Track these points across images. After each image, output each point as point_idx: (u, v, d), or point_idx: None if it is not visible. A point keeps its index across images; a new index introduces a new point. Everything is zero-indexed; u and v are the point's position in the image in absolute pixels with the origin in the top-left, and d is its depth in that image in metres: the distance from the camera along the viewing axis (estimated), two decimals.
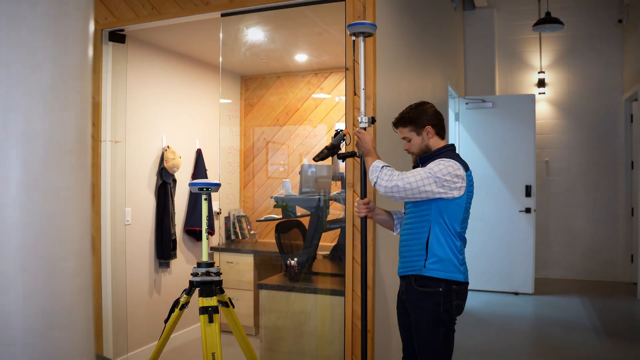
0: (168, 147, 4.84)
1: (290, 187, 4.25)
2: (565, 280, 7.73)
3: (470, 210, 2.65)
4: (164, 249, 4.80)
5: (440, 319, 2.52)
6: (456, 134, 7.13)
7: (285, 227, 4.43)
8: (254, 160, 5.82)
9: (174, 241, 4.91)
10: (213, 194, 5.44)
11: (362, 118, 2.80)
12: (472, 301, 6.61)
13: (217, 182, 2.81)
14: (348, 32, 2.84)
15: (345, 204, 3.31)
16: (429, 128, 2.68)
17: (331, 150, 2.78)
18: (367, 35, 2.82)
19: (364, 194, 2.83)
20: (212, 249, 5.38)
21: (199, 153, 5.27)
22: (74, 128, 2.04)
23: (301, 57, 5.03)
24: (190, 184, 2.80)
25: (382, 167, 2.56)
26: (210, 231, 5.29)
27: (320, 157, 2.77)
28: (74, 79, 2.04)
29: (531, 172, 6.86)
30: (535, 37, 7.89)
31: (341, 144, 2.84)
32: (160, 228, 4.79)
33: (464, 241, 2.62)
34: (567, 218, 7.82)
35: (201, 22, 3.93)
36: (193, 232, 5.23)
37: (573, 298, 6.69)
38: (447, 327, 2.54)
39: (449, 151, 2.67)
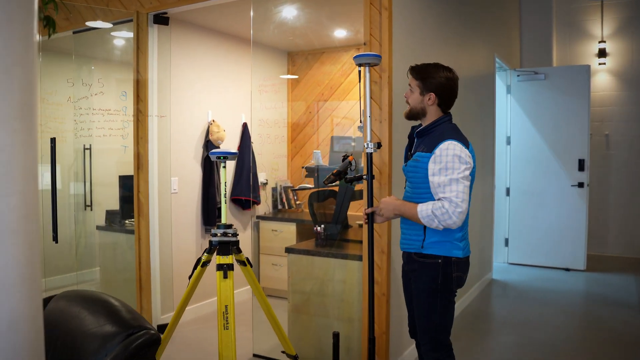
0: (213, 121, 5.14)
1: (320, 157, 4.44)
2: (622, 258, 7.52)
3: (473, 185, 2.64)
4: (210, 216, 5.14)
5: (438, 290, 2.57)
6: (507, 107, 7.05)
7: (319, 196, 4.63)
8: (300, 133, 6.05)
9: (219, 209, 5.22)
10: (263, 166, 5.73)
11: (368, 144, 2.82)
12: (519, 275, 6.61)
13: (235, 151, 3.05)
14: (354, 62, 2.91)
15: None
16: (432, 95, 2.61)
17: (337, 176, 2.95)
18: (372, 65, 2.94)
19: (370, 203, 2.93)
20: (258, 217, 5.68)
21: (244, 126, 5.54)
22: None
23: (340, 33, 5.16)
24: (210, 153, 3.05)
25: (431, 210, 2.44)
26: (255, 200, 5.58)
27: (329, 180, 2.97)
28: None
29: (585, 145, 6.70)
30: (597, 5, 7.61)
31: (348, 169, 2.99)
32: (206, 197, 5.12)
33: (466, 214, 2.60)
34: (628, 194, 7.57)
35: (239, 1, 4.14)
36: (238, 201, 5.53)
37: (627, 276, 6.54)
38: (446, 299, 2.59)
39: (446, 122, 2.65)
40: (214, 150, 3.04)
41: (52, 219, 4.01)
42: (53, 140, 3.98)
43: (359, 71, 2.98)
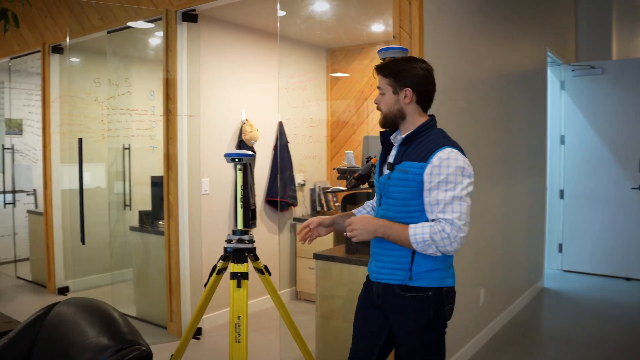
0: (246, 120, 5.00)
1: (352, 158, 4.23)
2: None
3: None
4: (243, 219, 4.99)
5: (430, 326, 2.19)
6: (561, 104, 6.64)
7: (353, 199, 4.42)
8: (340, 133, 5.85)
9: (253, 211, 5.09)
10: (300, 166, 5.56)
11: None
12: (573, 283, 6.21)
13: (250, 152, 2.88)
14: (378, 57, 2.69)
15: None
16: (408, 91, 2.16)
17: (359, 180, 2.75)
18: None
19: None
20: (295, 219, 5.53)
21: (280, 125, 5.39)
22: None
23: (379, 27, 4.93)
24: (225, 155, 2.89)
25: (429, 234, 2.04)
26: (293, 202, 5.42)
27: (351, 185, 2.77)
28: None
29: None
30: None
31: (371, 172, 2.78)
32: None
33: None
34: None
35: None
36: (274, 202, 5.38)
37: None
38: (439, 336, 2.23)
39: (433, 127, 2.25)
40: (229, 152, 2.88)
41: (80, 220, 3.96)
42: (80, 141, 3.92)
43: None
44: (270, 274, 2.95)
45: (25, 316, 2.41)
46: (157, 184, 4.64)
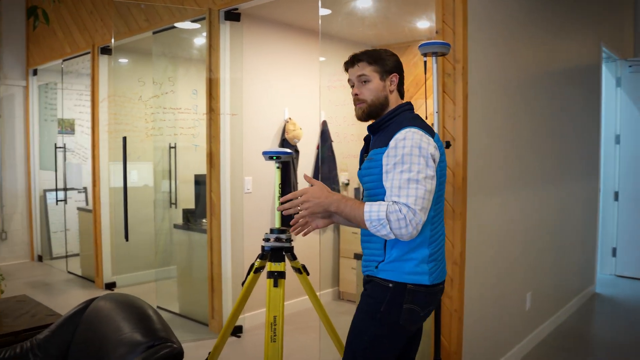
0: (289, 119, 4.99)
1: None
2: None
3: (444, 185, 2.10)
4: (285, 217, 4.98)
5: (377, 319, 2.03)
6: (617, 102, 6.37)
7: None
8: None
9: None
10: (344, 165, 5.52)
11: None
12: (628, 289, 5.95)
13: (289, 150, 2.85)
14: (420, 52, 2.61)
15: None
16: (395, 76, 2.13)
17: None
18: (440, 55, 2.64)
19: None
20: None
21: (324, 124, 5.35)
22: None
23: (422, 24, 4.83)
24: (263, 153, 2.87)
25: (386, 212, 1.85)
26: None
27: None
28: None
29: None
30: None
31: None
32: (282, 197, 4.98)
33: (436, 229, 2.08)
34: None
35: None
36: None
37: None
38: (381, 331, 2.03)
39: (407, 111, 2.13)
40: (266, 150, 2.86)
41: (124, 217, 4.02)
42: (124, 140, 3.98)
43: (424, 61, 2.71)
44: (308, 274, 2.91)
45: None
46: (200, 182, 4.68)
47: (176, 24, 4.61)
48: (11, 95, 7.15)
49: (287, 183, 4.98)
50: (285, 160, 2.85)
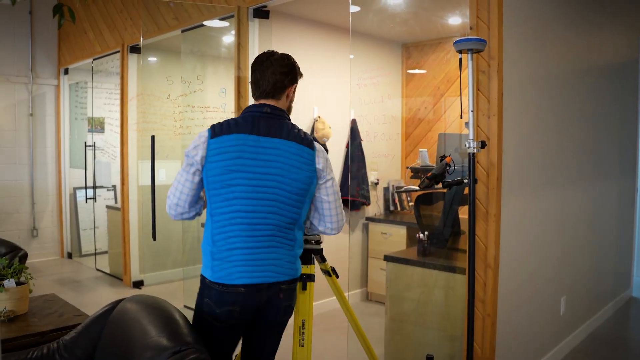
0: (319, 117, 4.93)
1: (427, 157, 4.06)
2: None
3: (225, 182, 2.11)
4: None
5: (195, 310, 2.28)
6: None
7: (427, 199, 4.25)
8: (415, 130, 5.68)
9: None
10: (377, 159, 5.43)
11: (469, 143, 2.54)
12: None
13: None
14: (454, 48, 2.57)
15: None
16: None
17: (433, 179, 2.61)
18: (475, 51, 2.55)
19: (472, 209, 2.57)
20: (367, 219, 5.40)
21: (353, 123, 5.28)
22: None
23: (455, 20, 4.72)
24: None
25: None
26: (365, 202, 5.30)
27: (423, 184, 2.64)
28: None
29: None
30: None
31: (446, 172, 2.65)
32: None
33: (220, 229, 2.14)
34: None
35: None
36: (346, 201, 5.28)
37: None
38: (200, 321, 2.23)
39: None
40: None
41: (152, 216, 4.01)
42: (152, 138, 3.96)
43: (459, 58, 2.62)
44: (337, 276, 2.85)
45: (100, 307, 2.44)
46: None
47: (205, 22, 4.58)
48: (43, 94, 7.23)
49: None
50: None
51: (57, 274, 6.57)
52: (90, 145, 6.62)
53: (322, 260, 2.81)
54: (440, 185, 2.79)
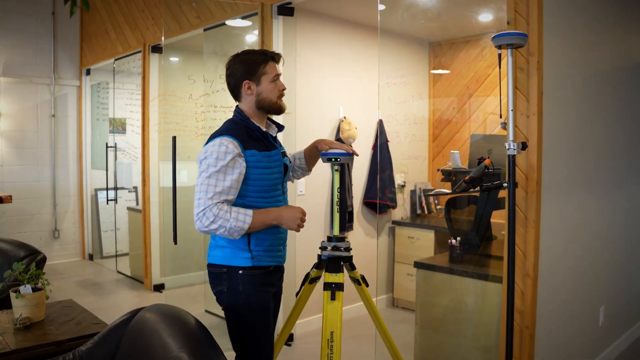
0: (344, 117, 4.79)
1: (458, 158, 3.88)
2: None
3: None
4: (340, 221, 4.77)
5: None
6: None
7: (458, 202, 4.08)
8: (442, 131, 5.50)
9: (351, 213, 4.86)
10: (407, 161, 5.27)
11: (509, 145, 2.38)
12: None
13: (349, 152, 2.63)
14: (493, 44, 2.41)
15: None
16: None
17: (470, 183, 2.44)
18: (515, 47, 2.39)
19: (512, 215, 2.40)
20: (394, 222, 5.24)
21: (380, 123, 5.12)
22: None
23: (486, 17, 4.54)
24: (321, 154, 2.66)
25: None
26: (392, 205, 5.14)
27: (460, 188, 2.49)
28: None
29: None
30: None
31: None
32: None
33: None
34: None
35: None
36: (373, 204, 5.12)
37: None
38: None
39: None
40: (325, 151, 2.65)
41: (173, 219, 3.89)
42: (174, 139, 3.85)
43: (499, 54, 2.46)
44: (367, 285, 2.70)
45: (120, 312, 2.34)
46: None
47: (227, 21, 4.46)
48: (65, 95, 7.19)
49: (341, 184, 4.76)
50: (345, 161, 2.63)
51: (78, 275, 6.51)
52: (111, 146, 6.55)
53: (352, 267, 2.67)
54: (477, 188, 2.63)
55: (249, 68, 2.32)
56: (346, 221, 4.82)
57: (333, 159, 2.61)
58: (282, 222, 2.28)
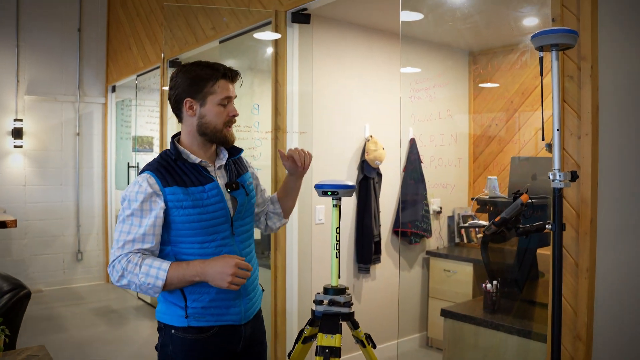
0: (371, 136, 4.30)
1: (497, 186, 3.33)
2: None
3: None
4: (365, 253, 4.28)
5: None
6: None
7: (498, 237, 3.52)
8: (484, 151, 4.92)
9: (377, 243, 4.35)
10: (435, 190, 4.73)
11: (555, 174, 1.84)
12: None
13: (351, 184, 2.13)
14: (532, 45, 1.88)
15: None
16: None
17: (502, 225, 1.92)
18: (562, 48, 1.84)
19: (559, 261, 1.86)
20: (428, 252, 4.70)
21: (412, 143, 4.60)
22: None
23: (532, 21, 3.99)
24: (315, 187, 2.16)
25: None
26: (425, 234, 4.60)
27: (490, 231, 1.96)
28: None
29: None
30: None
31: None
32: (360, 228, 4.28)
33: None
34: None
35: None
36: (404, 233, 4.59)
37: None
38: None
39: None
40: (319, 183, 2.15)
41: None
42: None
43: (540, 58, 1.93)
44: (374, 346, 2.19)
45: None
46: None
47: (240, 32, 4.07)
48: (90, 112, 6.98)
49: (366, 211, 4.27)
50: (344, 195, 2.13)
51: (97, 301, 6.22)
52: (133, 166, 6.25)
53: (355, 326, 2.16)
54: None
55: (193, 83, 1.89)
56: (372, 252, 4.31)
57: (329, 193, 2.11)
58: (207, 278, 1.75)
